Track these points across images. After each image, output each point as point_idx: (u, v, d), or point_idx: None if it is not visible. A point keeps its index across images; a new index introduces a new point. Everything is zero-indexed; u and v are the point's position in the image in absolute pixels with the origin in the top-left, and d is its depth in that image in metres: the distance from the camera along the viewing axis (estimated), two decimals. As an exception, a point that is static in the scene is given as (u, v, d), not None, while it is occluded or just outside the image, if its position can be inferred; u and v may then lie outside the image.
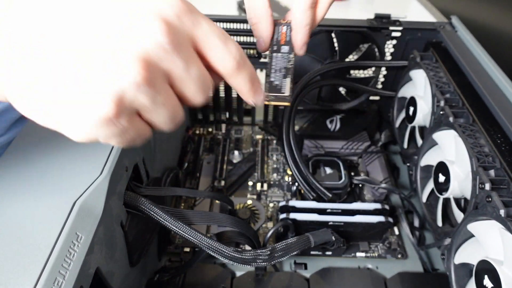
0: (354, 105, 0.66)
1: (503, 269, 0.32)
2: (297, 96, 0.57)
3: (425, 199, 0.49)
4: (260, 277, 0.47)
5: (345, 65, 0.59)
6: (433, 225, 0.47)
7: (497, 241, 0.33)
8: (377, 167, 0.61)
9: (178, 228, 0.38)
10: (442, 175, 0.43)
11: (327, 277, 0.48)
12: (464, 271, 0.40)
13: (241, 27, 0.60)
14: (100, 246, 0.32)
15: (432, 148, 0.49)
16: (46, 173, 0.33)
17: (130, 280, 0.40)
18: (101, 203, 0.32)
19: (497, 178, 0.36)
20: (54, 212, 0.30)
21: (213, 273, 0.48)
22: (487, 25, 0.80)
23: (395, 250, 0.53)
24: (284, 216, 0.49)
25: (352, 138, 0.66)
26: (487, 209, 0.35)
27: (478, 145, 0.40)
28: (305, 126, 0.65)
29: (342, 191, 0.55)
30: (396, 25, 0.58)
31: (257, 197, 0.60)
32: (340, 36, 0.59)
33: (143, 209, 0.37)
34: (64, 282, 0.26)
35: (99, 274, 0.32)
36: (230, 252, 0.39)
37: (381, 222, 0.50)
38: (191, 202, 0.59)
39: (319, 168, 0.58)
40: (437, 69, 0.52)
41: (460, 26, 0.58)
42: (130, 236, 0.39)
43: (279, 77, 0.37)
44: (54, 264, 0.26)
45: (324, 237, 0.46)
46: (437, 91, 0.47)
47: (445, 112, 0.45)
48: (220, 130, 0.72)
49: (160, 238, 0.50)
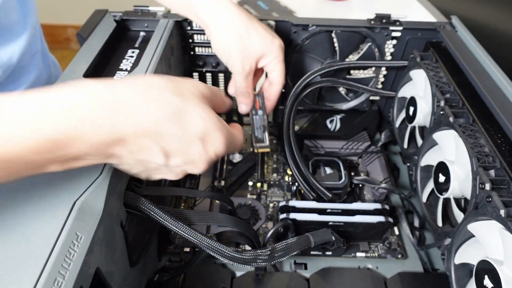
0: (354, 105, 0.66)
1: (503, 269, 0.32)
2: (297, 96, 0.57)
3: (425, 199, 0.49)
4: (260, 277, 0.47)
5: (345, 65, 0.59)
6: (433, 225, 0.47)
7: (497, 241, 0.33)
8: (377, 167, 0.61)
9: (178, 228, 0.38)
10: (442, 175, 0.43)
11: (327, 277, 0.48)
12: (464, 271, 0.40)
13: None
14: (100, 246, 0.32)
15: (432, 148, 0.49)
16: (47, 173, 0.33)
17: (130, 280, 0.40)
18: (101, 203, 0.32)
19: (497, 178, 0.36)
20: (54, 212, 0.30)
21: (213, 273, 0.48)
22: (487, 25, 0.80)
23: (395, 250, 0.53)
24: (284, 216, 0.49)
25: (352, 138, 0.66)
26: (487, 209, 0.35)
27: (478, 145, 0.40)
28: (305, 126, 0.65)
29: (342, 191, 0.55)
30: (396, 25, 0.58)
31: (257, 197, 0.60)
32: (340, 36, 0.59)
33: (143, 209, 0.37)
34: (64, 282, 0.26)
35: (99, 274, 0.32)
36: (230, 252, 0.39)
37: (381, 222, 0.50)
38: (191, 202, 0.59)
39: (319, 168, 0.58)
40: (437, 69, 0.52)
41: (460, 26, 0.58)
42: (130, 236, 0.39)
43: (260, 132, 0.53)
44: (54, 264, 0.26)
45: (324, 237, 0.46)
46: (437, 91, 0.47)
47: (445, 112, 0.45)
48: (220, 130, 0.72)
49: (160, 238, 0.50)
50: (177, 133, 0.30)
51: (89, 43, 0.51)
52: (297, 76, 0.63)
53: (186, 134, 0.31)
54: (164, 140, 0.30)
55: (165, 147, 0.30)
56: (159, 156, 0.31)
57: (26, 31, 0.50)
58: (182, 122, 0.30)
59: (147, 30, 0.57)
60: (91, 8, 0.60)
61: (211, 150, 0.33)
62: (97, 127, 0.26)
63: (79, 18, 0.73)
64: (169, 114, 0.30)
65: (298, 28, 0.58)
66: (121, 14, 0.58)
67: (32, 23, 0.51)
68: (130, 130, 0.28)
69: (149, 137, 0.29)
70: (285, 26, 0.59)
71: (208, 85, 0.36)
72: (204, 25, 0.49)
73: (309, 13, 0.96)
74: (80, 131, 0.26)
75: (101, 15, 0.58)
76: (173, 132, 0.30)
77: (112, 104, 0.27)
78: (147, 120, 0.28)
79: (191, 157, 0.32)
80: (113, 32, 0.55)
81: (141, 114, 0.28)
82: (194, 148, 0.32)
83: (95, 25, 0.55)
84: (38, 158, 0.25)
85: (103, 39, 0.52)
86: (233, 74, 0.49)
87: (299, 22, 0.58)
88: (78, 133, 0.25)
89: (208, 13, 0.47)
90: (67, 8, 2.07)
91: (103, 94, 0.27)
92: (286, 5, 0.95)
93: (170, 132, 0.30)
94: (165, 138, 0.30)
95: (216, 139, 0.33)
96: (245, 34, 0.47)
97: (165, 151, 0.31)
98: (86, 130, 0.26)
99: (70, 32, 2.20)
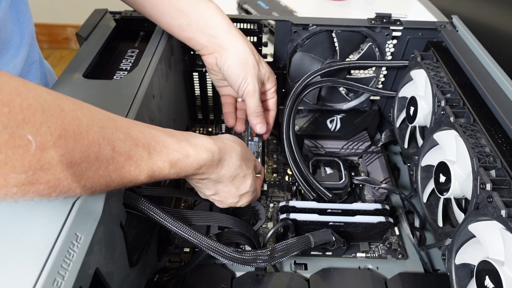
0: (354, 105, 0.66)
1: (504, 269, 0.31)
2: (297, 96, 0.57)
3: (425, 199, 0.49)
4: (260, 277, 0.47)
5: (345, 65, 0.59)
6: (433, 226, 0.46)
7: (498, 242, 0.33)
8: (378, 167, 0.61)
9: (178, 228, 0.37)
10: (443, 175, 0.43)
11: (327, 277, 0.48)
12: (465, 272, 0.39)
13: (240, 26, 0.60)
14: (99, 247, 0.32)
15: (433, 148, 0.49)
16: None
17: (129, 281, 0.40)
18: (101, 203, 0.32)
19: (498, 178, 0.36)
20: (54, 212, 0.30)
21: (213, 273, 0.48)
22: (488, 25, 0.80)
23: (396, 251, 0.53)
24: (284, 216, 0.49)
25: (353, 138, 0.65)
26: (488, 209, 0.35)
27: (479, 145, 0.39)
28: (305, 126, 0.65)
29: (343, 191, 0.55)
30: (397, 25, 0.58)
31: (257, 197, 0.60)
32: (341, 36, 0.59)
33: (142, 209, 0.37)
34: (63, 282, 0.26)
35: (98, 275, 0.32)
36: (230, 253, 0.38)
37: (381, 222, 0.50)
38: (191, 202, 0.59)
39: (319, 168, 0.58)
40: (437, 69, 0.51)
41: (461, 26, 0.58)
42: (130, 237, 0.38)
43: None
44: (53, 264, 0.26)
45: (324, 238, 0.46)
46: (438, 91, 0.47)
47: (446, 112, 0.44)
48: (220, 130, 0.72)
49: (160, 238, 0.50)
50: (239, 186, 0.44)
51: (89, 43, 0.51)
52: (297, 76, 0.63)
53: (241, 188, 0.45)
54: (234, 185, 0.44)
55: (234, 188, 0.44)
56: (233, 193, 0.44)
57: (24, 41, 0.50)
58: (240, 182, 0.44)
59: (146, 30, 0.57)
60: (91, 8, 0.60)
61: (243, 200, 0.46)
62: (209, 168, 0.39)
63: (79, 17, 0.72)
64: (239, 175, 0.43)
65: (298, 28, 0.58)
66: (120, 13, 0.58)
67: (30, 33, 0.51)
68: (221, 174, 0.41)
69: (228, 181, 0.42)
70: (285, 26, 0.59)
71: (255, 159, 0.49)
72: (219, 47, 0.51)
73: (309, 13, 0.96)
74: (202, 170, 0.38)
75: (100, 15, 0.58)
76: (237, 185, 0.44)
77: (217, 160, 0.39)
78: (230, 173, 0.42)
79: (238, 194, 0.45)
80: (112, 32, 0.55)
81: (227, 171, 0.41)
82: (242, 195, 0.45)
83: (95, 24, 0.55)
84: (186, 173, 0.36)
85: (102, 38, 0.52)
86: (246, 97, 0.53)
87: (299, 22, 0.58)
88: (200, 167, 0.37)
89: (227, 37, 0.51)
90: (67, 8, 2.07)
91: (215, 154, 0.39)
92: (286, 5, 0.95)
93: (236, 185, 0.44)
94: (233, 184, 0.43)
95: (248, 198, 0.47)
96: (257, 58, 0.53)
97: (236, 188, 0.44)
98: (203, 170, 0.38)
99: (69, 32, 2.20)
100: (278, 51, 0.63)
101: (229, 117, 0.60)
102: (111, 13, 0.59)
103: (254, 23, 0.60)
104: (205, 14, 0.50)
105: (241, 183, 0.44)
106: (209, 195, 0.44)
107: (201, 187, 0.43)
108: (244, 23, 0.60)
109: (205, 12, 0.50)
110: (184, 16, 0.50)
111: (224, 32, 0.51)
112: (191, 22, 0.50)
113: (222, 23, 0.51)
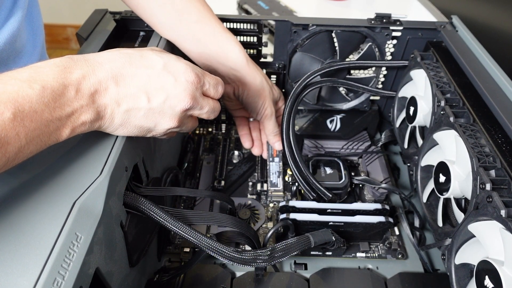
0: (354, 105, 0.66)
1: (503, 269, 0.32)
2: (297, 96, 0.57)
3: (425, 199, 0.49)
4: (260, 277, 0.47)
5: (345, 65, 0.59)
6: (433, 225, 0.46)
7: (497, 242, 0.33)
8: (378, 167, 0.61)
9: (178, 228, 0.38)
10: (443, 175, 0.43)
11: (327, 277, 0.48)
12: (465, 272, 0.40)
13: (240, 26, 0.60)
14: (99, 247, 0.32)
15: (433, 148, 0.49)
16: (46, 173, 0.33)
17: (129, 281, 0.40)
18: (101, 203, 0.32)
19: (498, 178, 0.36)
20: (54, 212, 0.30)
21: (213, 273, 0.48)
22: (488, 25, 0.80)
23: (396, 251, 0.53)
24: (284, 216, 0.49)
25: (352, 138, 0.65)
26: (488, 209, 0.35)
27: (478, 145, 0.39)
28: (305, 126, 0.65)
29: (342, 191, 0.55)
30: (397, 25, 0.58)
31: (257, 197, 0.60)
32: (340, 36, 0.59)
33: (143, 209, 0.37)
34: (63, 282, 0.26)
35: (98, 275, 0.32)
36: (230, 253, 0.39)
37: (381, 222, 0.50)
38: (191, 202, 0.59)
39: (319, 168, 0.58)
40: (437, 69, 0.51)
41: (460, 26, 0.58)
42: (130, 237, 0.39)
43: (275, 177, 0.59)
44: (53, 264, 0.26)
45: (324, 237, 0.46)
46: (438, 91, 0.47)
47: (446, 112, 0.44)
48: (220, 130, 0.72)
49: (160, 238, 0.50)
50: (143, 73, 0.35)
51: (89, 43, 0.51)
52: (297, 76, 0.63)
53: (150, 70, 0.35)
54: (138, 81, 0.34)
55: (142, 87, 0.35)
56: (142, 98, 0.35)
57: (36, 50, 0.50)
58: (141, 63, 0.35)
59: (146, 30, 0.57)
60: (91, 8, 0.60)
61: (180, 77, 0.37)
62: (82, 78, 0.32)
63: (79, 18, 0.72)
64: (129, 60, 0.35)
65: (298, 28, 0.58)
66: (121, 13, 0.58)
67: (41, 42, 0.51)
68: (102, 75, 0.33)
69: (122, 81, 0.34)
70: (285, 26, 0.59)
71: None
72: (237, 79, 0.54)
73: (309, 13, 0.97)
74: (69, 81, 0.31)
75: (100, 15, 0.58)
76: (139, 73, 0.35)
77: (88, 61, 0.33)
78: (113, 66, 0.33)
79: (168, 91, 0.36)
80: (112, 32, 0.55)
81: (107, 65, 0.33)
82: (164, 79, 0.36)
83: (95, 24, 0.55)
84: (45, 109, 0.29)
85: (102, 38, 0.52)
86: (265, 120, 0.58)
87: (299, 22, 0.58)
88: (68, 82, 0.30)
89: (246, 71, 0.54)
90: (67, 7, 2.08)
91: (86, 56, 0.33)
92: (286, 5, 0.95)
93: (136, 73, 0.34)
94: (136, 78, 0.34)
95: (179, 66, 0.37)
96: (270, 84, 0.58)
97: (145, 91, 0.35)
98: (72, 80, 0.31)
99: (69, 32, 2.20)
100: (278, 51, 0.63)
101: (246, 140, 0.63)
102: (111, 13, 0.59)
103: (254, 23, 0.60)
104: (225, 47, 0.52)
105: (144, 62, 0.36)
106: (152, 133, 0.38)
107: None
108: (244, 23, 0.60)
109: (225, 45, 0.52)
110: (203, 46, 0.52)
111: (243, 66, 0.53)
112: (210, 52, 0.52)
113: (240, 56, 0.53)
